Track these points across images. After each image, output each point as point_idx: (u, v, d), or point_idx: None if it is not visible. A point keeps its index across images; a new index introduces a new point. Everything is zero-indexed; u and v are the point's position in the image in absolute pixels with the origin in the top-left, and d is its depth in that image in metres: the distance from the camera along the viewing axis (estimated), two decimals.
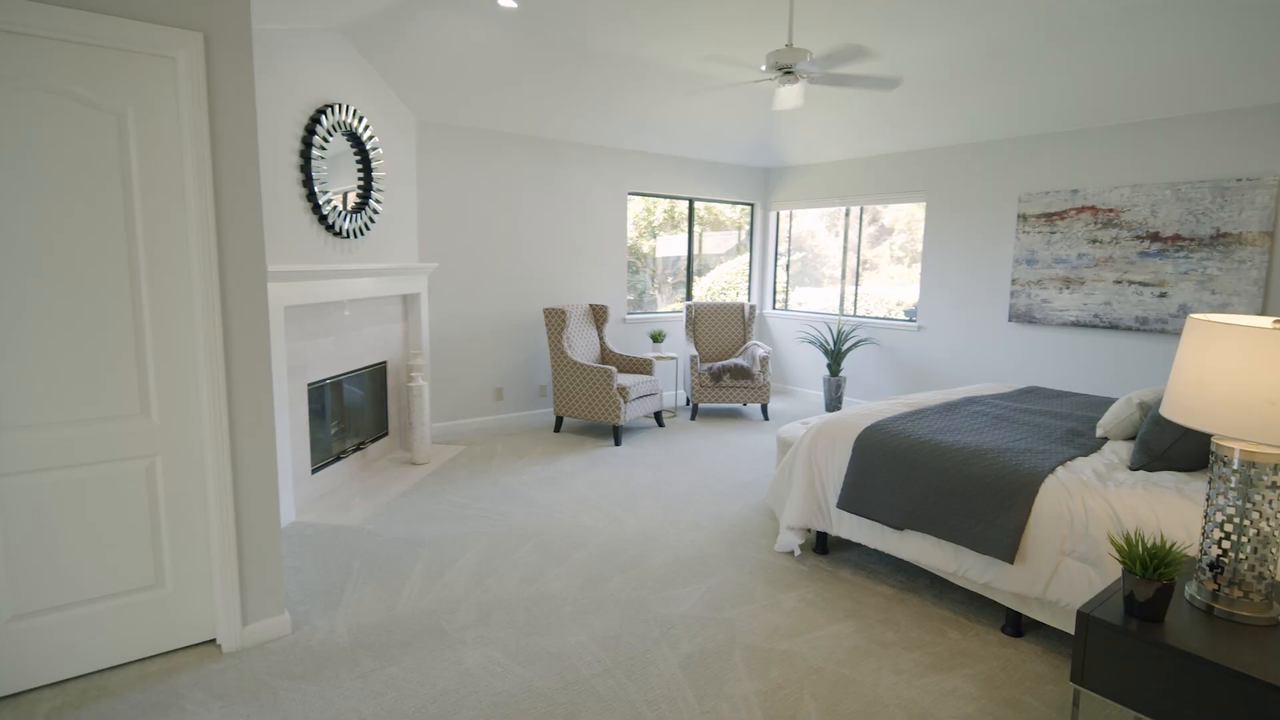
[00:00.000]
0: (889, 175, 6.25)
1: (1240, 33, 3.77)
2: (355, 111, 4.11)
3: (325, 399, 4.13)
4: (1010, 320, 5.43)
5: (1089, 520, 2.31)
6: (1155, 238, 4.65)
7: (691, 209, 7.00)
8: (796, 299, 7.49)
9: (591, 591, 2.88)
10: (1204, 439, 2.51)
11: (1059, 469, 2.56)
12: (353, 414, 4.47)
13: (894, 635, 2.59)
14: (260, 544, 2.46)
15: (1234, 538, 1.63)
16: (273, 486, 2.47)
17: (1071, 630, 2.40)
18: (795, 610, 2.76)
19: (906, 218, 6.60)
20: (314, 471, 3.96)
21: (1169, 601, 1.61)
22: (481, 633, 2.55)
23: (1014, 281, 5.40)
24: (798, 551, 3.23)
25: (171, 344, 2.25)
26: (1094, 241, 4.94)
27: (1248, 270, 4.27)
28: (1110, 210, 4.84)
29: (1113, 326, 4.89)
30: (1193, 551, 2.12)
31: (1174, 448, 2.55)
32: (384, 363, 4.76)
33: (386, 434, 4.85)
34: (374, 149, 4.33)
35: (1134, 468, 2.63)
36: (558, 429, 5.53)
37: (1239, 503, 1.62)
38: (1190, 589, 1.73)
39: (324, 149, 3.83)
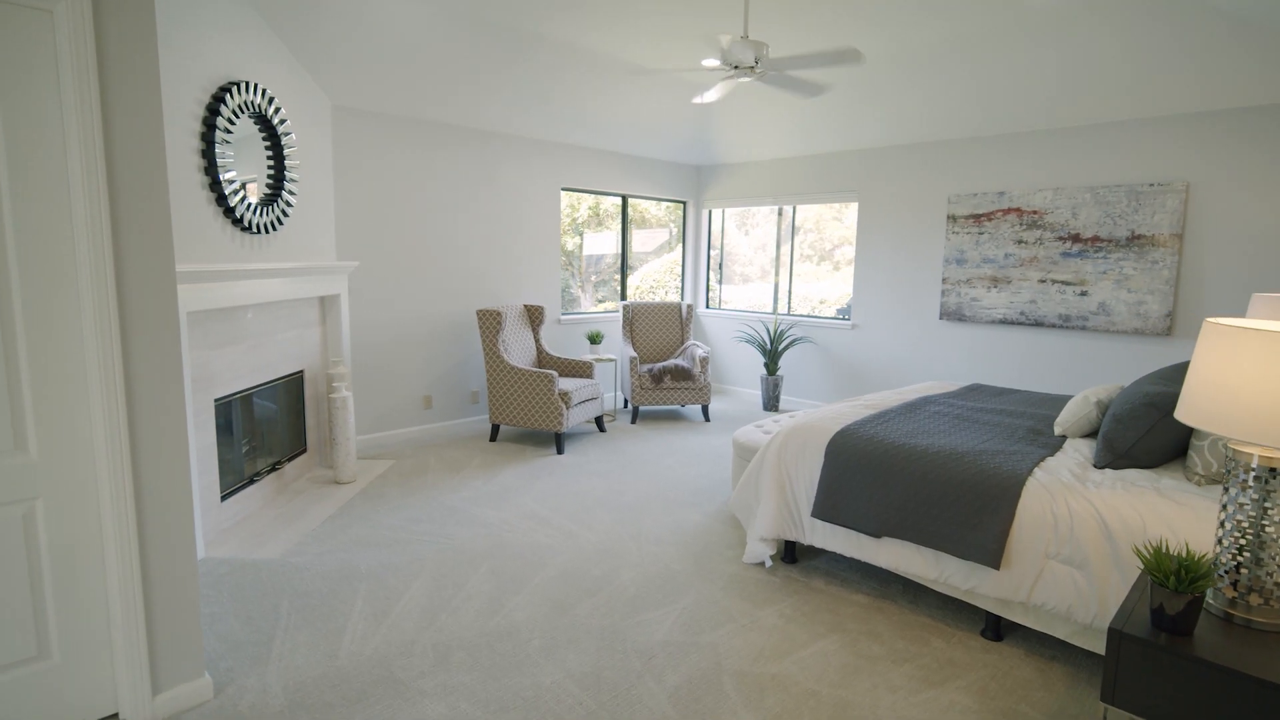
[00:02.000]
0: (822, 175, 6.29)
1: (1154, 46, 3.97)
2: (265, 92, 3.65)
3: (235, 415, 3.66)
4: (942, 318, 5.58)
5: (1074, 522, 2.30)
6: (1076, 239, 4.87)
7: (625, 206, 6.81)
8: (722, 298, 7.46)
9: (559, 621, 2.64)
10: (1166, 436, 2.57)
11: (1037, 470, 2.56)
12: (266, 430, 4.00)
13: (880, 648, 2.51)
14: (173, 596, 2.07)
15: (1252, 544, 1.61)
16: (188, 528, 2.09)
17: (1054, 633, 2.39)
18: (776, 627, 2.63)
19: (815, 217, 6.70)
20: (224, 498, 3.49)
21: (1199, 614, 1.57)
22: (442, 679, 2.26)
23: (945, 280, 5.54)
24: (769, 563, 3.11)
25: (54, 362, 1.83)
26: (1020, 242, 5.14)
27: (1160, 270, 4.54)
28: (1035, 212, 5.04)
29: (1038, 324, 5.09)
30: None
31: (1138, 445, 2.60)
32: (300, 372, 4.29)
33: (305, 451, 4.38)
34: (286, 134, 3.88)
35: (1099, 465, 2.66)
36: (494, 438, 5.21)
37: (1257, 508, 1.60)
38: (1207, 595, 1.71)
39: (229, 132, 3.37)
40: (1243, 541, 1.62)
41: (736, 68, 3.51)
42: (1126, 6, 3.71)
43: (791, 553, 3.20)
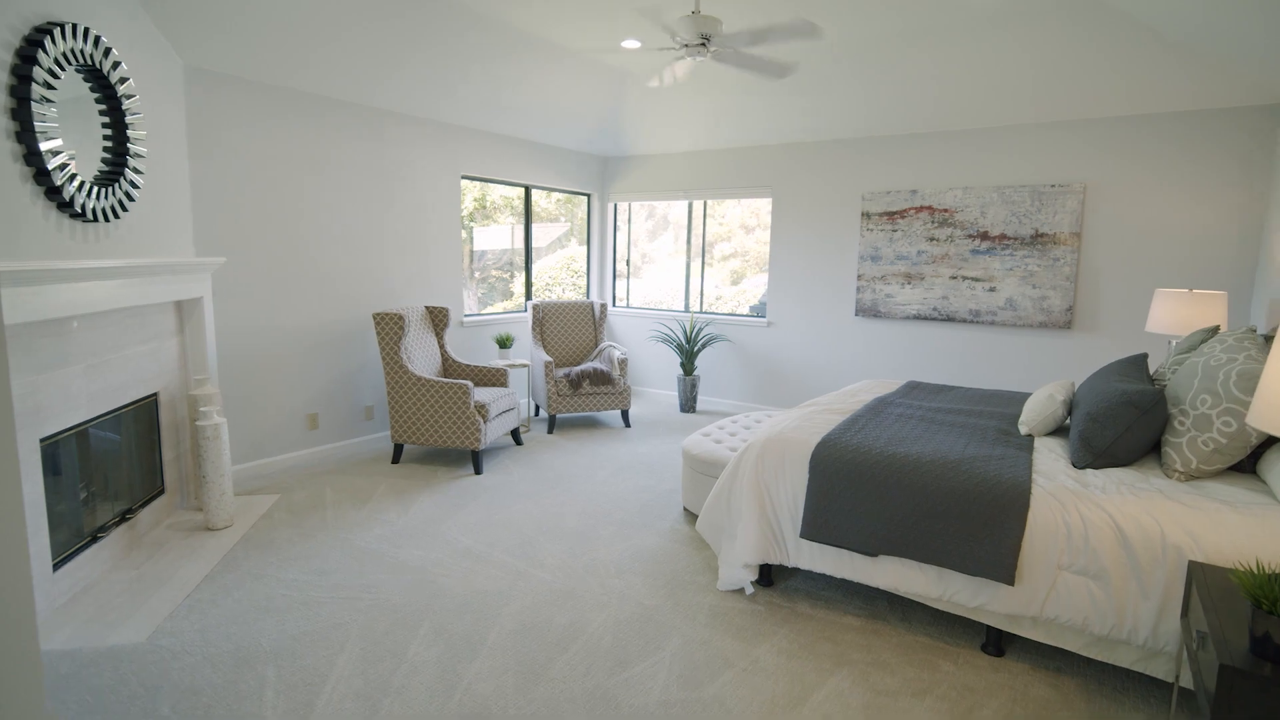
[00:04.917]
0: (735, 170, 6.15)
1: (1056, 54, 4.12)
2: (99, 40, 2.85)
3: (68, 456, 2.84)
4: (857, 315, 5.61)
5: (1087, 531, 2.21)
6: (985, 236, 5.04)
7: (529, 198, 6.30)
8: (627, 294, 7.16)
9: (533, 690, 2.21)
10: (1145, 434, 2.56)
11: (1036, 476, 2.47)
12: (110, 471, 3.17)
13: (893, 680, 2.31)
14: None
15: None
16: (26, 620, 1.45)
17: (1065, 646, 2.30)
18: (779, 667, 2.36)
19: (693, 212, 6.62)
20: (57, 566, 2.69)
21: None
22: None
23: (860, 277, 5.58)
24: (750, 589, 2.84)
25: None
26: (932, 239, 5.25)
27: (1061, 266, 4.78)
28: (946, 210, 5.16)
29: (949, 319, 5.23)
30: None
31: (1116, 443, 2.58)
32: (154, 395, 3.47)
33: (163, 492, 3.55)
34: (129, 96, 3.08)
35: (1079, 465, 2.63)
36: (397, 459, 4.56)
37: None
38: None
39: (51, 88, 2.57)
40: None
41: (686, 45, 3.20)
42: (1034, 16, 3.80)
43: (767, 575, 2.95)
